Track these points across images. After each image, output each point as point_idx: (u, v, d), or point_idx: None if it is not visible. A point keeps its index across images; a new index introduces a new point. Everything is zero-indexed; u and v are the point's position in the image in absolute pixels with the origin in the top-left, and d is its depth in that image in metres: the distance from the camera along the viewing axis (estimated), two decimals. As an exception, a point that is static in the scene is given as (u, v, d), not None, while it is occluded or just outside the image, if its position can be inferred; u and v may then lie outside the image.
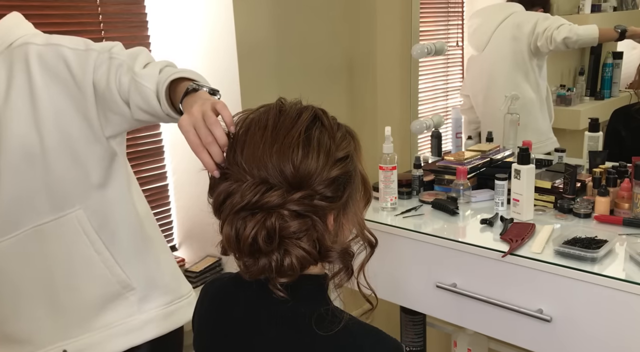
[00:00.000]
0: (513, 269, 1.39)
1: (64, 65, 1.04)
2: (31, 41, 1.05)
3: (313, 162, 0.76)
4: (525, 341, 1.41)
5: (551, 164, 1.92)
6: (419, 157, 1.91)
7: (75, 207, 1.11)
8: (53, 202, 1.09)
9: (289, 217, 0.75)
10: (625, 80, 2.17)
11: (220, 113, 0.84)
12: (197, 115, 0.83)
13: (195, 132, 0.82)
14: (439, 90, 2.59)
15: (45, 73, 1.04)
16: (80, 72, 1.04)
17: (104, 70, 1.03)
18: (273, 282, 0.78)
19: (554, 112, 2.21)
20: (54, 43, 1.05)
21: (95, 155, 1.10)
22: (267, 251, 0.76)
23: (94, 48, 1.06)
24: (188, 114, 0.84)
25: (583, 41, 1.97)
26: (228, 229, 0.77)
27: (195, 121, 0.83)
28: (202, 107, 0.84)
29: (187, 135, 0.83)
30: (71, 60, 1.04)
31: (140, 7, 1.85)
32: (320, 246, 0.78)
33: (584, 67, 2.24)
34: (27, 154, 1.05)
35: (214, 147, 0.81)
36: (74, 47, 1.05)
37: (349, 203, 0.82)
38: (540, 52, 2.08)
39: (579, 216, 1.57)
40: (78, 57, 1.04)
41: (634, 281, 1.22)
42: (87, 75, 1.03)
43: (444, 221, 1.66)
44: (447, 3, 2.53)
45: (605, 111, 2.09)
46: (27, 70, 1.04)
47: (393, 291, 1.66)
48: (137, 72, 1.00)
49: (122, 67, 1.02)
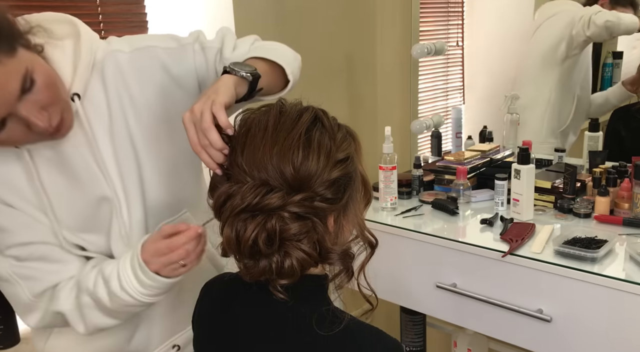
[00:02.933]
0: (513, 269, 1.39)
1: (159, 67, 1.01)
2: (118, 48, 1.00)
3: (313, 164, 0.76)
4: (525, 341, 1.41)
5: (551, 164, 1.92)
6: (419, 157, 1.90)
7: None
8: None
9: (289, 219, 0.75)
10: (625, 80, 2.17)
11: (215, 115, 0.82)
12: (197, 114, 0.83)
13: (195, 130, 0.83)
14: (439, 90, 2.60)
15: (140, 79, 1.00)
16: (182, 70, 1.03)
17: (201, 62, 1.04)
18: (273, 284, 0.78)
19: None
20: (146, 45, 1.01)
21: None
22: (268, 253, 0.76)
23: (187, 41, 1.05)
24: (190, 110, 0.84)
25: (625, 26, 1.91)
26: (228, 231, 0.77)
27: (195, 120, 0.83)
28: (202, 106, 0.83)
29: (188, 133, 0.83)
30: (168, 61, 1.02)
31: (140, 7, 1.85)
32: (320, 247, 0.78)
33: (584, 66, 2.24)
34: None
35: (211, 150, 0.81)
36: (166, 46, 1.03)
37: (350, 204, 0.82)
38: (573, 45, 2.02)
39: (579, 215, 1.57)
40: (174, 54, 1.03)
41: (634, 281, 1.23)
42: (190, 72, 1.04)
43: (444, 221, 1.66)
44: (447, 3, 2.53)
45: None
46: (124, 82, 0.99)
47: (393, 291, 1.66)
48: (227, 57, 1.05)
49: (217, 55, 1.05)
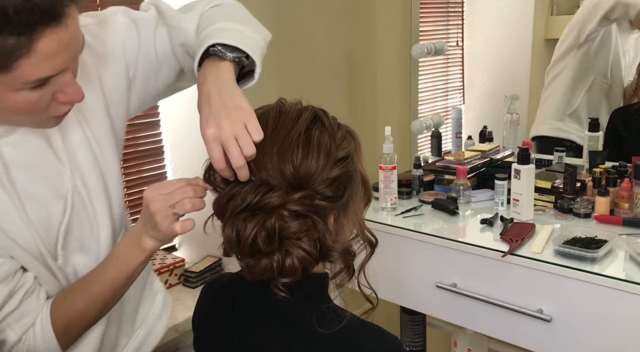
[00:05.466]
0: (513, 269, 1.39)
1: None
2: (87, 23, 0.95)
3: (313, 163, 0.76)
4: (525, 341, 1.41)
5: (551, 164, 1.92)
6: (419, 157, 1.90)
7: None
8: None
9: (288, 217, 0.75)
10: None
11: (250, 134, 0.76)
12: (228, 134, 0.75)
13: (222, 149, 0.76)
14: (439, 90, 2.60)
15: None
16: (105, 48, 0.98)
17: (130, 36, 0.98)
18: (275, 283, 0.78)
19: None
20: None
21: None
22: (268, 251, 0.76)
23: (109, 12, 1.00)
24: (217, 128, 0.76)
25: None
26: (229, 231, 0.77)
27: (224, 140, 0.75)
28: (236, 127, 0.76)
29: (212, 153, 0.76)
30: (91, 41, 0.96)
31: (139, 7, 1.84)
32: (321, 245, 0.78)
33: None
34: None
35: (242, 171, 0.76)
36: (87, 23, 0.98)
37: (350, 203, 0.82)
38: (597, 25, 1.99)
39: (579, 215, 1.57)
40: (95, 31, 0.98)
41: (634, 281, 1.23)
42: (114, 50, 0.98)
43: (444, 221, 1.66)
44: (447, 3, 2.53)
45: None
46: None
47: (393, 291, 1.66)
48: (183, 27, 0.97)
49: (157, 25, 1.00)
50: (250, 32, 0.92)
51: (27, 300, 0.87)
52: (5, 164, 0.84)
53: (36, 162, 0.88)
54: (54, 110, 0.80)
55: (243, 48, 0.86)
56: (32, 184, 0.87)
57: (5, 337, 0.85)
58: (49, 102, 0.78)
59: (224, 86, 0.82)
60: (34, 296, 0.88)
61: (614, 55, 2.09)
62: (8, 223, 0.85)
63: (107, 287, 0.89)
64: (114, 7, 1.01)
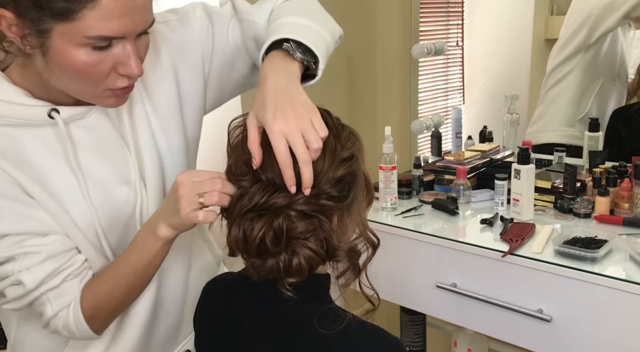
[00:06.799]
0: (513, 269, 1.39)
1: (162, 42, 0.99)
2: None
3: (319, 162, 0.77)
4: (526, 341, 1.42)
5: (551, 164, 1.92)
6: (419, 157, 1.91)
7: None
8: None
9: (296, 217, 0.76)
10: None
11: (316, 130, 0.76)
12: (294, 129, 0.75)
13: (287, 144, 0.75)
14: (439, 90, 2.59)
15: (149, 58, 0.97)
16: (182, 43, 1.01)
17: (204, 29, 1.01)
18: (281, 282, 0.78)
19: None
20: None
21: None
22: (275, 251, 0.76)
23: (186, 10, 1.02)
24: (285, 122, 0.75)
25: None
26: (236, 231, 0.77)
27: (291, 134, 0.75)
28: (303, 122, 0.76)
29: (278, 146, 0.75)
30: (169, 35, 1.00)
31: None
32: (327, 245, 0.78)
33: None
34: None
35: (307, 168, 0.75)
36: (164, 21, 1.00)
37: (354, 203, 0.83)
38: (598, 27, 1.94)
39: (579, 215, 1.57)
40: (173, 27, 1.00)
41: (634, 281, 1.23)
42: (193, 44, 1.01)
43: (444, 221, 1.66)
44: (447, 3, 2.53)
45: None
46: None
47: (393, 290, 1.66)
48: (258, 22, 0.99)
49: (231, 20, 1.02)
50: (320, 29, 0.93)
51: (69, 281, 0.88)
52: (74, 144, 0.87)
53: (105, 147, 0.91)
54: (113, 81, 0.81)
55: (313, 49, 0.87)
56: (99, 167, 0.90)
57: (44, 310, 0.87)
58: (108, 70, 0.80)
59: (293, 83, 0.82)
60: (77, 280, 0.89)
61: (620, 55, 2.05)
62: (71, 202, 0.87)
63: (129, 271, 0.89)
64: (195, 1, 1.03)
